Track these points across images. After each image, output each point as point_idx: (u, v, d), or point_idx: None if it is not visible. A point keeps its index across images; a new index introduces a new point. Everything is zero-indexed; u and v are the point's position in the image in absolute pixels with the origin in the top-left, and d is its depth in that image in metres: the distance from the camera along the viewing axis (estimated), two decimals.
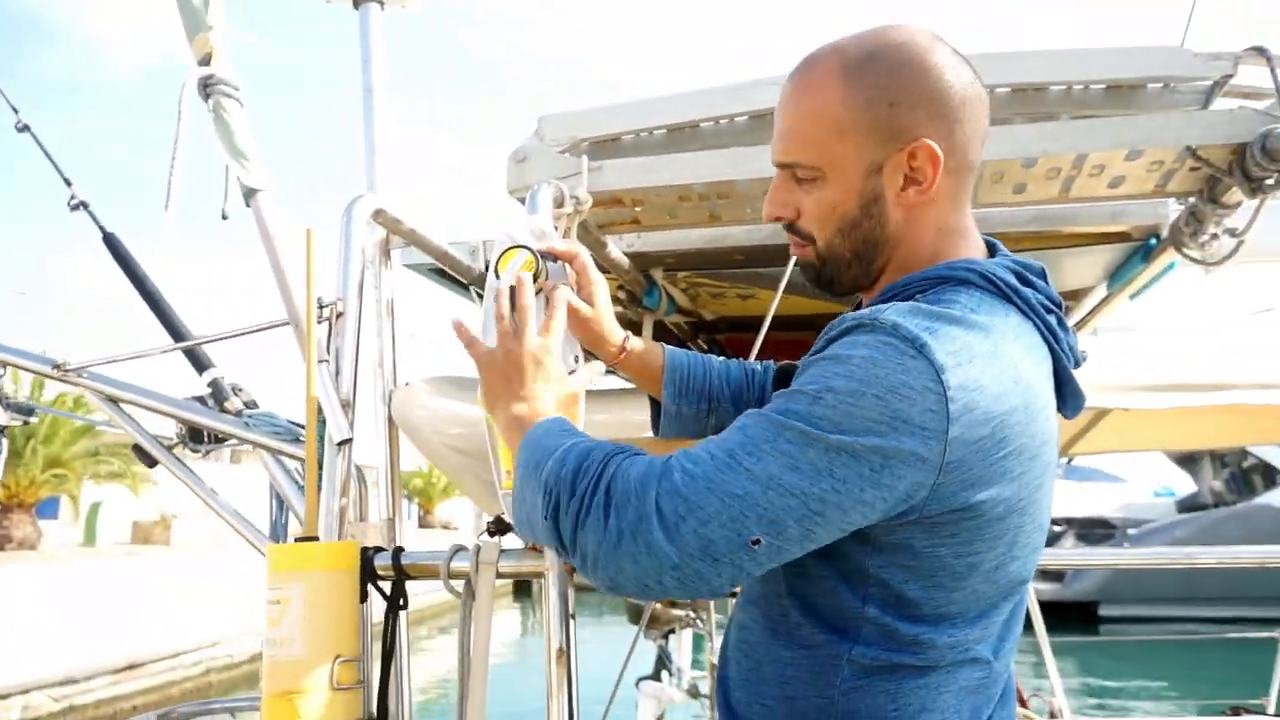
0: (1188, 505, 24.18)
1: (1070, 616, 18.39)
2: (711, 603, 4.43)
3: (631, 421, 1.68)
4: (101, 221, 2.06)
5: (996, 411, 0.86)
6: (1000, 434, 0.87)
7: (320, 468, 1.43)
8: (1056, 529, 25.31)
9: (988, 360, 0.88)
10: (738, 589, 1.13)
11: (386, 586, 1.37)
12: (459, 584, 1.35)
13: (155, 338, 2.07)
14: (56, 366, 1.89)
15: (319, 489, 1.36)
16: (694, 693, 4.76)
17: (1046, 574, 22.87)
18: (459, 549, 1.36)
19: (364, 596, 1.35)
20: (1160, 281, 1.91)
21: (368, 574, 1.35)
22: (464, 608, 1.34)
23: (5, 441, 1.95)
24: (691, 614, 4.46)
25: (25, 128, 2.10)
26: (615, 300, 2.23)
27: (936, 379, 0.84)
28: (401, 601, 1.37)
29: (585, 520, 0.91)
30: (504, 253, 1.28)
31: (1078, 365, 1.03)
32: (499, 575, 1.33)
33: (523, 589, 27.83)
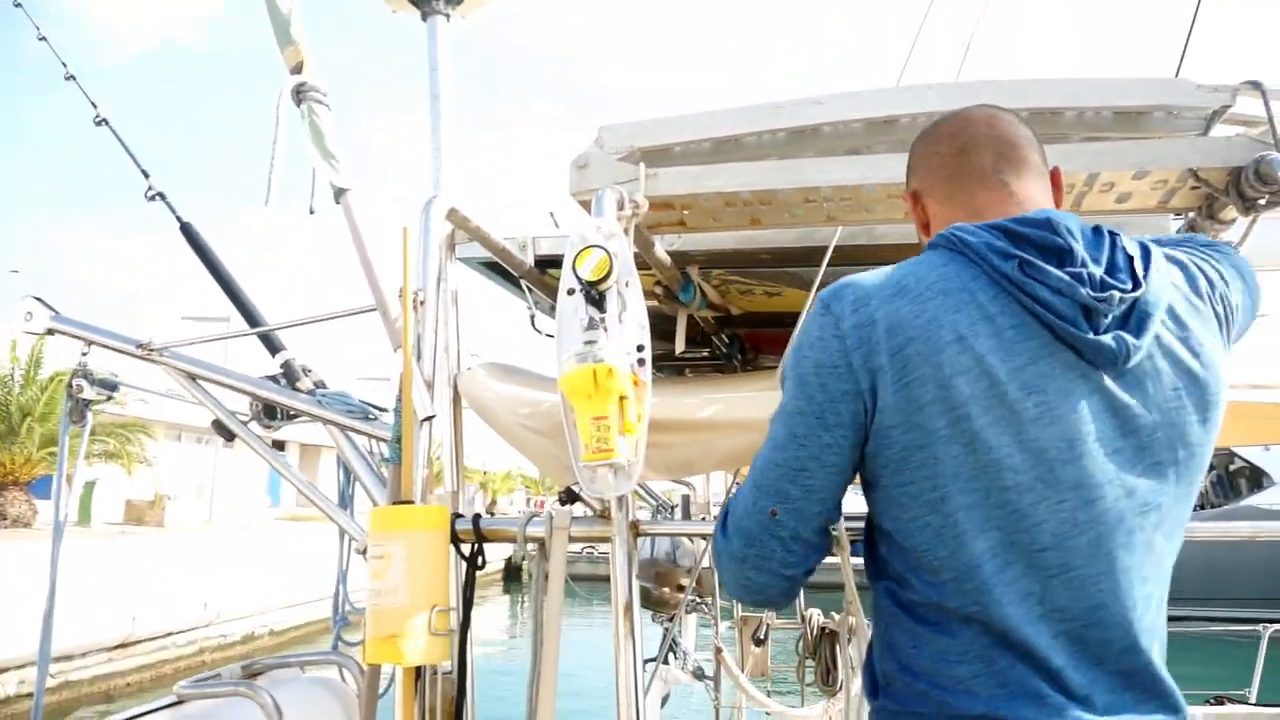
0: None
1: None
2: (716, 588, 4.60)
3: None
4: (178, 211, 2.21)
5: (890, 345, 1.07)
6: (899, 363, 1.06)
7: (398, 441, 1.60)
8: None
9: (886, 301, 1.10)
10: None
11: (466, 549, 1.54)
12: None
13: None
14: (140, 346, 2.04)
15: (413, 462, 1.52)
16: (699, 674, 4.94)
17: None
18: (533, 515, 1.53)
19: None
20: None
21: (450, 536, 1.52)
22: (538, 568, 1.51)
23: (90, 416, 2.10)
24: (696, 598, 4.63)
25: (103, 121, 2.25)
26: (652, 295, 2.39)
27: (836, 325, 1.10)
28: (480, 563, 1.54)
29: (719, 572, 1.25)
30: (580, 251, 1.44)
31: (1089, 313, 1.05)
32: (571, 539, 1.50)
33: (512, 577, 28.15)
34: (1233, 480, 22.68)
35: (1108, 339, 1.06)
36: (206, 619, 14.51)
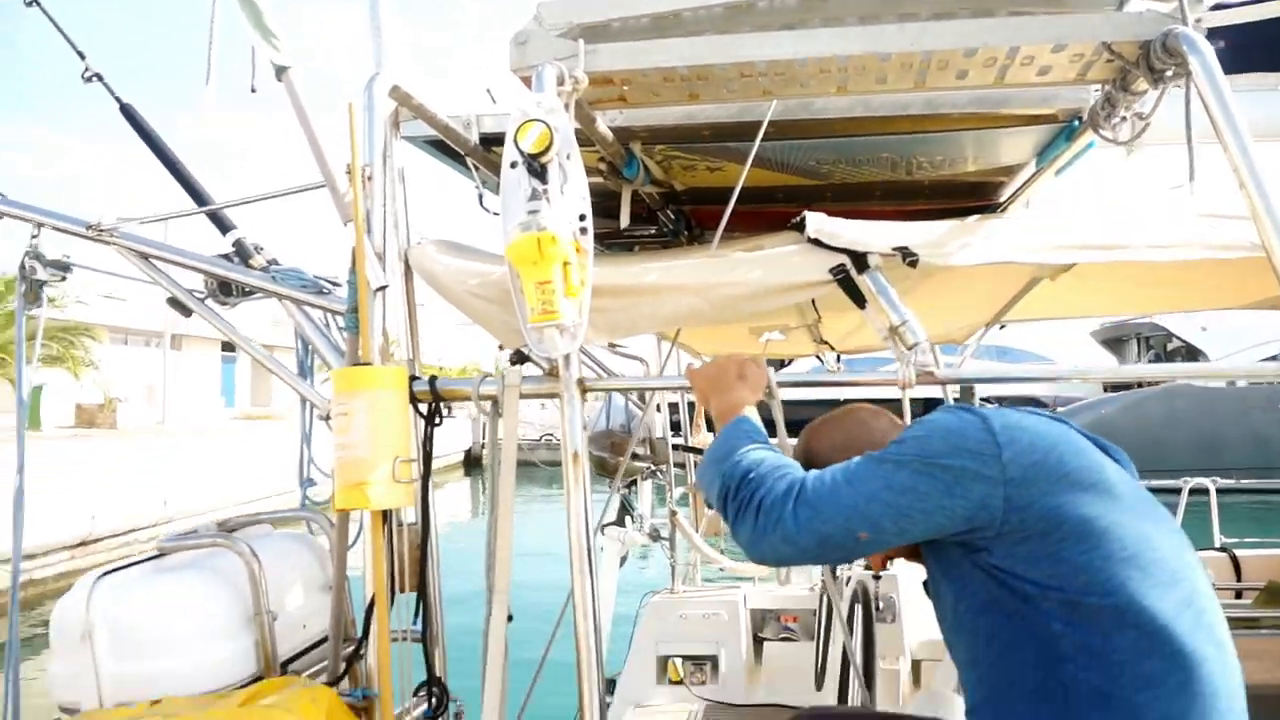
0: (1113, 385, 25.41)
1: None
2: (670, 455, 4.82)
3: None
4: (117, 93, 2.20)
5: (1041, 445, 1.26)
6: (1053, 458, 1.25)
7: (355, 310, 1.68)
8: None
9: (1021, 418, 1.32)
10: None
11: (424, 409, 1.65)
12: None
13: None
14: (90, 227, 2.07)
15: (369, 328, 1.61)
16: (654, 535, 5.21)
17: None
18: (486, 376, 1.64)
19: None
20: (1082, 159, 2.19)
21: (409, 396, 1.62)
22: (492, 425, 1.63)
23: (45, 298, 2.14)
24: (652, 466, 4.84)
25: (34, 1, 2.21)
26: (596, 171, 2.45)
27: (985, 424, 1.29)
28: (437, 420, 1.65)
29: (742, 518, 1.34)
30: (521, 125, 1.51)
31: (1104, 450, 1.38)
32: (522, 396, 1.61)
33: (473, 464, 28.66)
34: (1170, 358, 23.59)
35: None
36: (167, 516, 14.62)
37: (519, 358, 1.63)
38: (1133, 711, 1.14)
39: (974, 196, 2.89)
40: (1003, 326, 5.06)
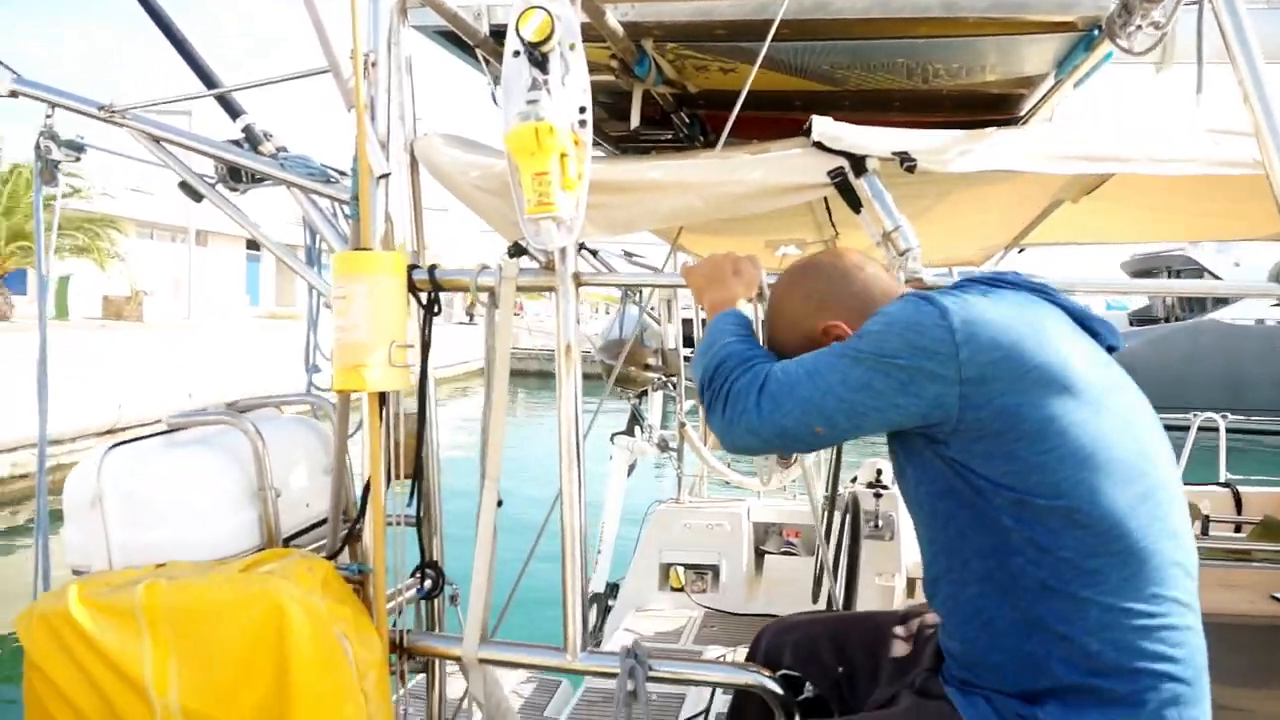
0: (1140, 318, 25.08)
1: None
2: (681, 367, 4.86)
3: None
4: None
5: (1003, 342, 1.22)
6: (1014, 356, 1.21)
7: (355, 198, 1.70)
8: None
9: (986, 307, 1.25)
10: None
11: (424, 299, 1.68)
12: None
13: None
14: (103, 108, 2.09)
15: (370, 215, 1.63)
16: (663, 445, 5.30)
17: None
18: (484, 267, 1.66)
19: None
20: (1108, 79, 2.14)
21: (408, 284, 1.65)
22: (488, 315, 1.66)
23: (61, 178, 2.16)
24: (663, 377, 4.90)
25: None
26: (608, 69, 2.42)
27: (943, 319, 1.23)
28: (436, 309, 1.68)
29: (714, 407, 1.38)
30: (523, 12, 1.50)
31: (1083, 314, 1.36)
32: (519, 288, 1.64)
33: (519, 375, 29.01)
34: (1197, 297, 23.18)
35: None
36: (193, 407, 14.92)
37: (517, 250, 1.65)
38: (1077, 604, 1.18)
39: (994, 109, 2.83)
40: (1021, 250, 5.00)
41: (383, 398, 1.64)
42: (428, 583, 1.92)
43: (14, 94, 2.16)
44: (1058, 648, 1.19)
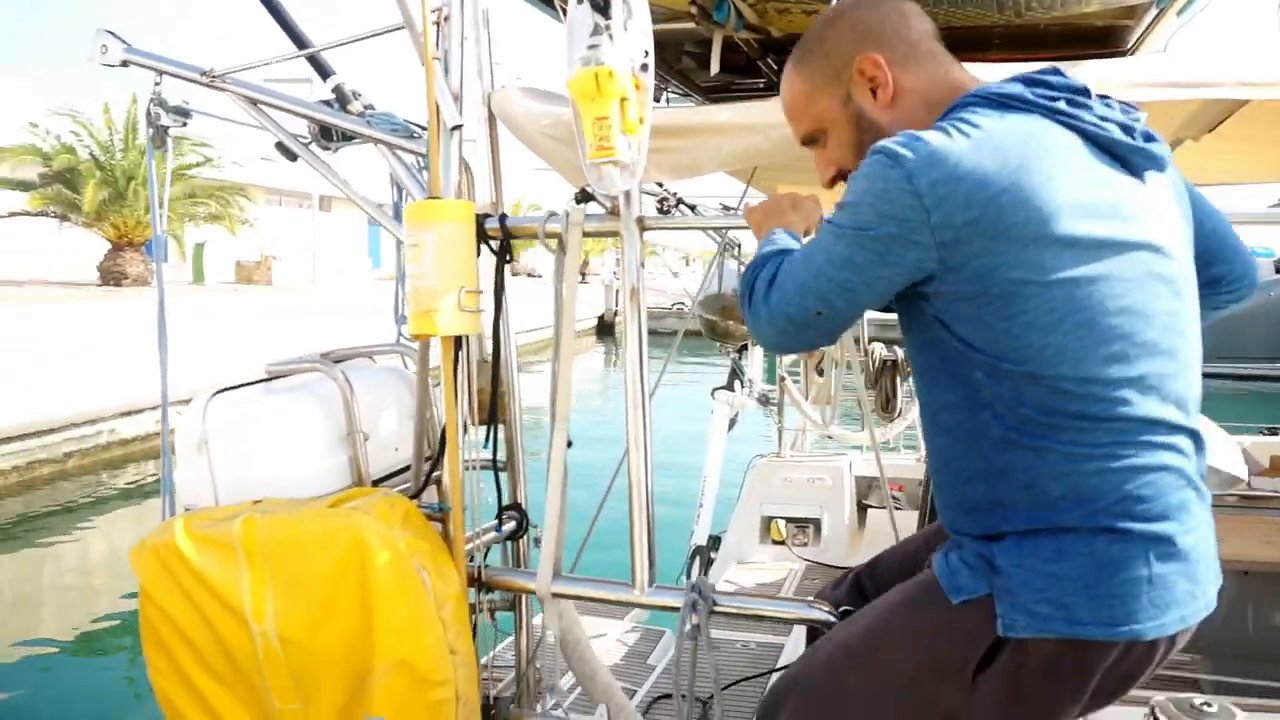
0: None
1: None
2: None
3: None
4: None
5: (979, 199, 1.12)
6: (991, 213, 1.12)
7: (439, 151, 1.75)
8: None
9: (965, 157, 1.13)
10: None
11: (496, 246, 1.72)
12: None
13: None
14: (204, 74, 2.20)
15: (440, 165, 1.68)
16: (764, 400, 5.29)
17: None
18: (552, 214, 1.69)
19: (478, 252, 1.71)
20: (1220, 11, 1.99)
21: (480, 234, 1.70)
22: (557, 260, 1.69)
23: (170, 141, 2.30)
24: None
25: None
26: (687, 16, 2.40)
27: (910, 182, 1.13)
28: (508, 256, 1.72)
29: (745, 308, 1.35)
30: None
31: (1129, 131, 1.23)
32: (585, 234, 1.66)
33: (605, 330, 29.39)
34: None
35: (1155, 148, 1.24)
36: None
37: (584, 196, 1.67)
38: (1037, 454, 1.17)
39: (1099, 43, 2.67)
40: None
41: (458, 343, 1.70)
42: (511, 524, 1.99)
43: (125, 63, 2.29)
44: (1023, 495, 1.19)
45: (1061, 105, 1.20)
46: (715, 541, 5.13)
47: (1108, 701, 1.25)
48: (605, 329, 29.61)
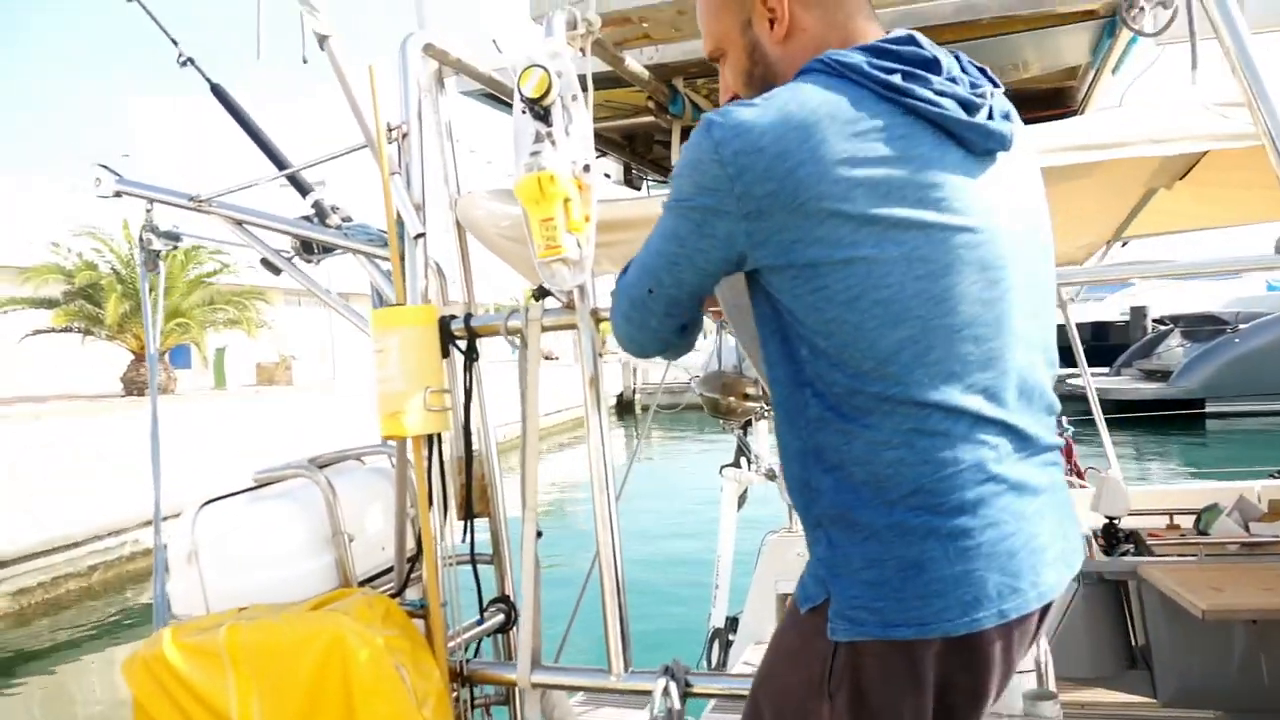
0: None
1: (1176, 415, 18.34)
2: None
3: None
4: (207, 74, 2.43)
5: (778, 171, 1.13)
6: (790, 186, 1.13)
7: (403, 259, 1.84)
8: (1163, 327, 24.87)
9: (768, 130, 1.14)
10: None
11: (463, 345, 1.79)
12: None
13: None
14: (192, 199, 2.32)
15: (404, 273, 1.76)
16: (771, 474, 5.28)
17: (1151, 373, 22.81)
18: (513, 311, 1.77)
19: (445, 352, 1.78)
20: (1132, 55, 2.09)
21: (446, 335, 1.77)
22: (520, 355, 1.76)
23: (164, 266, 2.41)
24: (764, 405, 4.90)
25: None
26: (645, 110, 2.52)
27: (716, 153, 1.15)
28: (474, 354, 1.79)
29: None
30: (523, 71, 1.60)
31: (969, 108, 1.18)
32: (544, 329, 1.73)
33: (627, 410, 29.37)
34: None
35: (996, 125, 1.19)
36: None
37: (540, 293, 1.75)
38: (846, 436, 1.17)
39: (1049, 104, 2.77)
40: (1125, 244, 4.79)
41: (431, 441, 1.76)
42: (499, 616, 2.02)
43: (118, 194, 2.42)
44: (828, 477, 1.19)
45: (896, 80, 1.16)
46: (733, 623, 5.07)
47: (972, 699, 1.24)
48: (626, 407, 29.57)
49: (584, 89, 1.70)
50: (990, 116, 1.20)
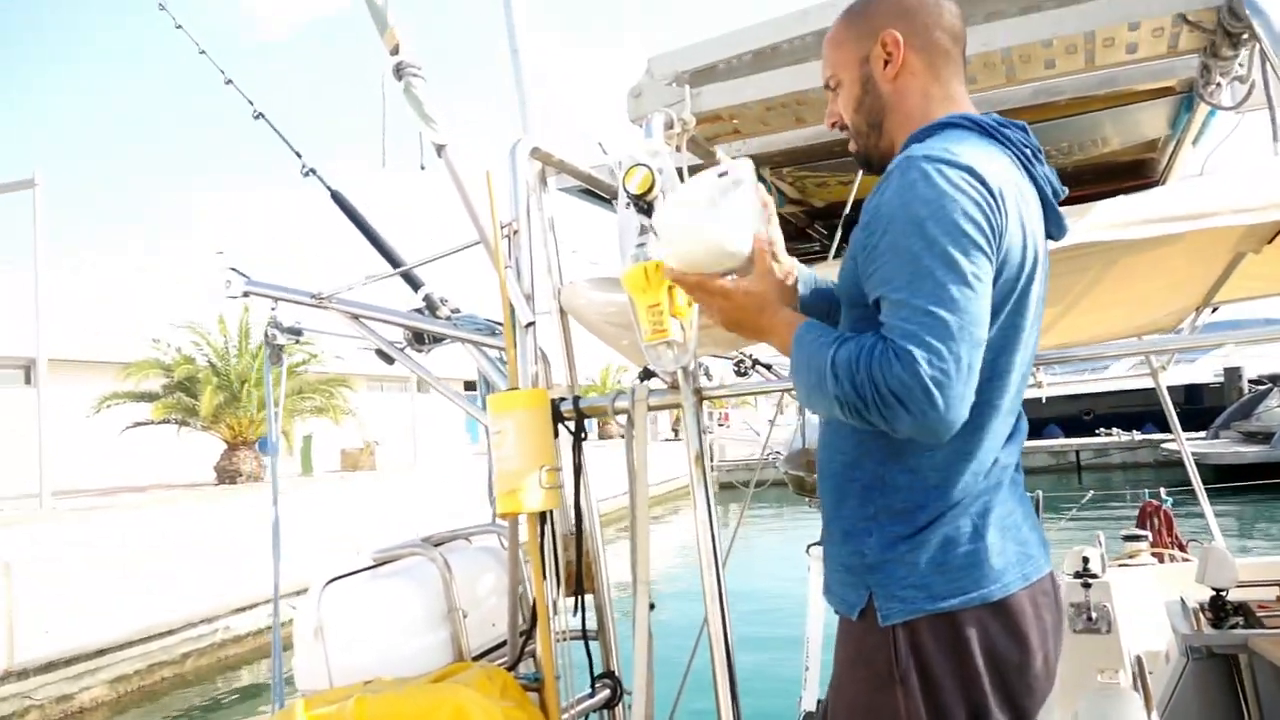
0: None
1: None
2: None
3: None
4: (328, 183, 2.64)
5: (1007, 203, 1.27)
6: (1015, 216, 1.29)
7: (515, 346, 1.96)
8: (1261, 386, 23.82)
9: (984, 166, 1.26)
10: None
11: (571, 426, 1.89)
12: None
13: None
14: (314, 297, 2.50)
15: (517, 358, 1.88)
16: None
17: (1252, 435, 21.74)
18: (620, 392, 1.86)
19: (556, 433, 1.88)
20: (1211, 128, 2.14)
21: (556, 415, 1.87)
22: (628, 434, 1.85)
23: (285, 358, 2.59)
24: None
25: (260, 115, 2.69)
26: None
27: (972, 173, 1.23)
28: (583, 434, 1.89)
29: (872, 409, 1.18)
30: (628, 170, 1.73)
31: (1057, 196, 1.43)
32: (650, 408, 1.82)
33: (726, 488, 29.10)
34: None
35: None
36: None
37: (646, 374, 1.84)
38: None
39: (1131, 175, 2.81)
40: (1215, 309, 4.70)
41: (543, 518, 1.85)
42: (605, 692, 2.06)
43: (247, 294, 2.62)
44: (906, 475, 1.36)
45: (1029, 153, 1.38)
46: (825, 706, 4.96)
47: (1020, 676, 1.33)
48: (723, 486, 29.29)
49: (681, 181, 1.82)
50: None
